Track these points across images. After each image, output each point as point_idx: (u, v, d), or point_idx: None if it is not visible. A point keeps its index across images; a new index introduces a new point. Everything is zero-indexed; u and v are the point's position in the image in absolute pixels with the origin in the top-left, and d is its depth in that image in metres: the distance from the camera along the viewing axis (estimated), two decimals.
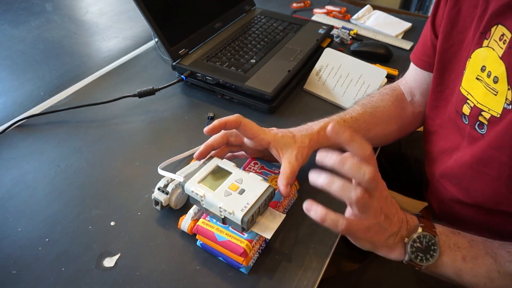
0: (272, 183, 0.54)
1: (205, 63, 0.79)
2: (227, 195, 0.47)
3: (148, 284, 0.47)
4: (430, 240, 0.45)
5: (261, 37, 0.89)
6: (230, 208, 0.45)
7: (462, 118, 0.55)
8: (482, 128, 0.52)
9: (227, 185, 0.49)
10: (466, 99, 0.54)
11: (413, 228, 0.46)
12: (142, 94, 0.74)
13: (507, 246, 0.46)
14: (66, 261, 0.49)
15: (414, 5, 2.12)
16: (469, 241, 0.46)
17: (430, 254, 0.45)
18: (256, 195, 0.47)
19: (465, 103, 0.54)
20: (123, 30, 1.04)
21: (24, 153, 0.64)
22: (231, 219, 0.46)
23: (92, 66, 0.87)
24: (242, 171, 0.51)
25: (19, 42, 0.96)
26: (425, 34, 0.64)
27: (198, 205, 0.49)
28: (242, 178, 0.49)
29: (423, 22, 1.10)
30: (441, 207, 0.65)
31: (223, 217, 0.47)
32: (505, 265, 0.44)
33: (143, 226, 0.53)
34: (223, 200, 0.47)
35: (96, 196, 0.58)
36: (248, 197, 0.47)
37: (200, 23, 0.86)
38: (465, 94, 0.54)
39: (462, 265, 0.45)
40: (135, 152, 0.65)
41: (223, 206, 0.46)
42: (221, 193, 0.48)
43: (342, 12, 1.12)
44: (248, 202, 0.46)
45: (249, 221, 0.45)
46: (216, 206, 0.47)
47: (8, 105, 0.75)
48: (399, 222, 0.45)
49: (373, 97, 0.67)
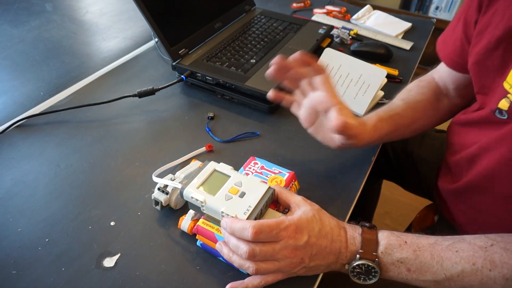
0: (272, 183, 0.54)
1: (205, 63, 0.79)
2: (228, 199, 0.47)
3: (148, 284, 0.47)
4: (368, 266, 0.45)
5: (261, 37, 0.89)
6: (232, 212, 0.45)
7: (496, 113, 0.53)
8: None
9: (227, 188, 0.48)
10: (506, 93, 0.51)
11: (353, 255, 0.46)
12: (142, 94, 0.74)
13: (455, 245, 0.46)
14: (66, 261, 0.49)
15: (414, 5, 2.11)
16: (414, 251, 0.46)
17: (372, 275, 0.46)
18: (257, 197, 0.47)
19: (505, 97, 0.51)
20: (123, 30, 1.04)
21: (24, 153, 0.64)
22: None
23: (92, 66, 0.87)
24: (241, 174, 0.50)
25: (19, 42, 0.96)
26: (456, 36, 0.63)
27: (198, 211, 0.49)
28: (241, 181, 0.49)
29: (423, 22, 1.10)
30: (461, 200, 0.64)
31: None
32: (451, 268, 0.44)
33: (143, 226, 0.53)
34: (225, 205, 0.46)
35: (96, 196, 0.58)
36: (249, 200, 0.47)
37: (200, 23, 0.86)
38: (508, 88, 0.51)
39: (408, 276, 0.46)
40: (135, 152, 0.65)
41: (225, 211, 0.46)
42: (221, 197, 0.47)
43: (342, 12, 1.12)
44: (250, 205, 0.46)
45: None
46: (217, 211, 0.46)
47: (8, 105, 0.75)
48: (333, 254, 0.46)
49: (412, 91, 0.68)
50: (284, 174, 0.55)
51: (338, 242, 0.46)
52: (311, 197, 0.58)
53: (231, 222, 0.44)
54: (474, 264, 0.44)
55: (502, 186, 0.54)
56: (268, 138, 0.69)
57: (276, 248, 0.43)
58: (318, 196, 0.58)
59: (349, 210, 0.57)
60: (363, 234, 0.47)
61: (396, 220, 1.48)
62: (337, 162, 0.64)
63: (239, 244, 0.43)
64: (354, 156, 0.66)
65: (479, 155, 0.57)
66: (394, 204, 1.52)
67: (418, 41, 0.99)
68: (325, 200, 0.57)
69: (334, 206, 0.57)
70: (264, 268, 0.44)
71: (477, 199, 0.60)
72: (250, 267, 0.43)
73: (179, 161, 0.62)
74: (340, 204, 0.58)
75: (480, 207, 0.60)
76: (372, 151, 0.67)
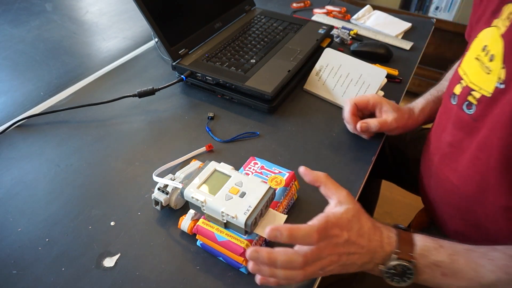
0: (272, 183, 0.54)
1: (205, 63, 0.79)
2: (228, 199, 0.47)
3: (148, 284, 0.47)
4: (404, 267, 0.44)
5: (261, 37, 0.89)
6: (232, 212, 0.45)
7: (451, 99, 0.56)
8: (470, 108, 0.51)
9: (227, 188, 0.48)
10: (460, 79, 0.53)
11: (388, 255, 0.45)
12: (142, 94, 0.74)
13: (488, 254, 0.45)
14: (66, 261, 0.49)
15: (414, 5, 2.11)
16: (450, 255, 0.45)
17: (406, 277, 0.45)
18: (257, 197, 0.47)
19: (459, 83, 0.54)
20: (123, 30, 1.04)
21: (24, 153, 0.64)
22: (234, 223, 0.46)
23: (92, 66, 0.87)
24: (241, 174, 0.50)
25: (19, 42, 0.96)
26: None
27: (199, 210, 0.49)
28: (241, 181, 0.49)
29: (423, 22, 1.10)
30: (438, 195, 0.65)
31: (226, 222, 0.47)
32: (486, 276, 0.43)
33: (143, 226, 0.53)
34: (225, 205, 0.46)
35: (96, 196, 0.58)
36: (249, 199, 0.47)
37: (200, 23, 0.86)
38: (462, 74, 0.53)
39: (443, 280, 0.45)
40: (135, 152, 0.65)
41: (225, 211, 0.46)
42: (222, 197, 0.47)
43: (342, 12, 1.12)
44: (250, 205, 0.46)
45: (253, 224, 0.45)
46: (218, 211, 0.46)
47: (8, 105, 0.75)
48: (369, 253, 0.45)
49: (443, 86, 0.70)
50: (284, 174, 0.55)
51: (374, 242, 0.45)
52: (311, 197, 0.58)
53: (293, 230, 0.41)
54: (509, 274, 0.43)
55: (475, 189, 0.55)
56: (268, 138, 0.69)
57: (321, 247, 0.42)
58: (318, 196, 0.58)
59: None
60: (399, 235, 0.46)
61: (396, 220, 1.48)
62: (337, 161, 0.64)
63: (292, 258, 0.41)
64: (354, 156, 0.66)
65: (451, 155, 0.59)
66: (394, 204, 1.52)
67: (418, 41, 0.99)
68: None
69: None
70: (311, 272, 0.43)
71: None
72: (299, 274, 0.42)
73: (180, 160, 0.62)
74: None
75: (452, 207, 0.61)
76: (372, 151, 0.67)
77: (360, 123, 0.65)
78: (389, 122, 0.64)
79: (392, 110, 0.66)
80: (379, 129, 0.65)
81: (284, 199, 0.54)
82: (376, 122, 0.64)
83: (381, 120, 0.65)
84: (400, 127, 0.66)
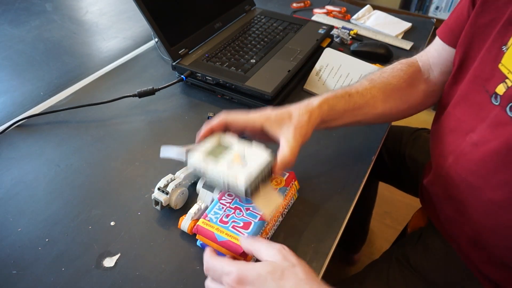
0: (272, 183, 0.54)
1: (205, 63, 0.79)
2: (230, 167, 0.48)
3: (148, 284, 0.47)
4: None
5: (261, 37, 0.89)
6: (233, 177, 0.47)
7: (492, 99, 0.50)
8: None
9: (230, 157, 0.50)
10: (505, 78, 0.48)
11: None
12: (142, 94, 0.74)
13: None
14: (66, 261, 0.49)
15: (414, 5, 2.11)
16: None
17: None
18: (259, 164, 0.48)
19: (503, 82, 0.49)
20: (123, 30, 1.04)
21: (24, 153, 0.64)
22: (234, 188, 0.47)
23: (92, 66, 0.87)
24: (245, 143, 0.52)
25: (19, 42, 0.96)
26: (461, 7, 0.59)
27: (202, 178, 0.50)
28: (244, 150, 0.50)
29: (423, 22, 1.10)
30: (446, 196, 0.62)
31: (226, 186, 0.48)
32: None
33: (143, 226, 0.53)
34: (226, 171, 0.48)
35: (96, 196, 0.58)
36: (251, 166, 0.48)
37: (200, 23, 0.86)
38: (505, 72, 0.48)
39: None
40: (135, 152, 0.65)
41: (227, 176, 0.47)
42: (224, 164, 0.49)
43: (342, 12, 1.12)
44: (251, 171, 0.47)
45: (252, 187, 0.47)
46: (219, 176, 0.48)
47: (8, 105, 0.75)
48: None
49: (384, 73, 0.64)
50: (284, 174, 0.55)
51: None
52: (311, 197, 0.58)
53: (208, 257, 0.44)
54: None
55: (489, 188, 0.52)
56: None
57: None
58: (317, 196, 0.58)
59: (348, 210, 0.57)
60: None
61: (396, 220, 1.49)
62: (336, 162, 0.64)
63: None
64: (354, 156, 0.66)
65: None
66: (394, 204, 1.52)
67: (418, 41, 0.99)
68: (325, 200, 0.57)
69: (334, 206, 0.57)
70: None
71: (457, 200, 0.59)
72: None
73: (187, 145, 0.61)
74: (340, 204, 0.57)
75: (466, 208, 0.58)
76: (372, 151, 0.67)
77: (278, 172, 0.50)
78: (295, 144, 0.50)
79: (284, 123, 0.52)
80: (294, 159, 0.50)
81: (284, 199, 0.54)
82: (288, 157, 0.49)
83: (289, 149, 0.49)
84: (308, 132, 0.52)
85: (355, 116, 0.59)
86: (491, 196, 0.52)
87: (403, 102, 0.64)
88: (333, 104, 0.56)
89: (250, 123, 0.52)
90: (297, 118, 0.51)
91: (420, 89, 0.65)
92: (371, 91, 0.60)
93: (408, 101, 0.64)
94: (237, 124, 0.53)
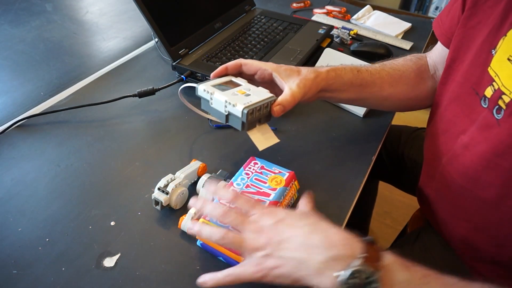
0: (272, 183, 0.54)
1: (205, 63, 0.79)
2: (234, 95, 0.53)
3: (148, 284, 0.47)
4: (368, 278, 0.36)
5: (261, 37, 0.89)
6: (234, 101, 0.51)
7: (481, 101, 0.51)
8: (499, 113, 0.48)
9: (236, 90, 0.55)
10: (492, 81, 0.49)
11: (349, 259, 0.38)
12: (142, 94, 0.74)
13: (465, 285, 0.39)
14: (66, 261, 0.49)
15: (414, 5, 2.12)
16: (422, 277, 0.38)
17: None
18: (261, 97, 0.53)
19: (490, 85, 0.50)
20: (123, 30, 1.04)
21: (24, 153, 0.64)
22: (233, 114, 0.51)
23: (92, 66, 0.87)
24: (252, 85, 0.56)
25: (19, 42, 0.96)
26: (454, 9, 0.60)
27: (207, 105, 0.55)
28: (250, 88, 0.55)
29: (423, 22, 1.10)
30: (440, 196, 0.63)
31: (227, 113, 0.52)
32: None
33: (143, 226, 0.53)
34: (230, 97, 0.52)
35: (96, 196, 0.58)
36: (253, 98, 0.53)
37: (200, 23, 0.86)
38: (493, 75, 0.49)
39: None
40: (135, 152, 0.65)
41: (228, 100, 0.51)
42: (229, 93, 0.53)
43: (342, 12, 1.12)
44: (251, 99, 0.52)
45: (250, 117, 0.50)
46: (222, 103, 0.52)
47: (8, 105, 0.75)
48: (313, 248, 0.38)
49: (396, 61, 0.67)
50: (284, 174, 0.55)
51: (319, 238, 0.39)
52: None
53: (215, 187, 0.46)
54: None
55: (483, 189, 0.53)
56: None
57: (245, 217, 0.43)
58: (317, 196, 0.58)
59: (348, 210, 0.57)
60: (366, 242, 0.40)
61: (396, 220, 1.49)
62: (336, 162, 0.64)
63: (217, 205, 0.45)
64: (354, 156, 0.66)
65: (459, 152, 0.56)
66: (394, 204, 1.52)
67: (418, 41, 0.99)
68: (325, 200, 0.57)
69: (334, 206, 0.57)
70: (231, 236, 0.42)
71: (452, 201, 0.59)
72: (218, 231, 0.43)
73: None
74: (340, 204, 0.58)
75: (458, 209, 0.59)
76: (372, 151, 0.67)
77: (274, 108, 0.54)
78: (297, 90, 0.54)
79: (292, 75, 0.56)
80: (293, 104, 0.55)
81: (284, 199, 0.54)
82: (289, 98, 0.54)
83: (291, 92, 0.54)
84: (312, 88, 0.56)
85: (361, 93, 0.62)
86: (480, 196, 0.53)
87: (410, 90, 0.66)
88: (341, 74, 0.59)
89: (263, 68, 0.58)
90: (305, 74, 0.57)
91: (429, 84, 0.67)
92: (380, 72, 0.63)
93: (415, 91, 0.66)
94: (251, 67, 0.59)
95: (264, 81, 0.59)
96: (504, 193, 0.50)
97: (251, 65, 0.59)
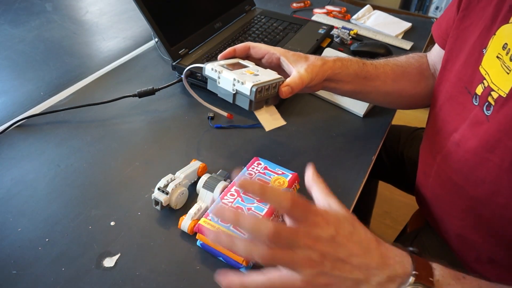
0: (275, 184, 0.54)
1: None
2: (243, 74, 0.53)
3: (148, 284, 0.47)
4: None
5: (261, 37, 0.89)
6: (242, 79, 0.51)
7: (473, 99, 0.52)
8: (489, 109, 0.49)
9: (244, 70, 0.55)
10: (483, 79, 0.50)
11: (401, 277, 0.37)
12: (142, 94, 0.74)
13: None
14: (66, 261, 0.49)
15: (414, 5, 2.12)
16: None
17: None
18: (269, 77, 0.53)
19: (481, 83, 0.50)
20: (123, 30, 1.03)
21: (24, 153, 0.64)
22: (241, 92, 0.51)
23: (92, 66, 0.87)
24: (259, 67, 0.57)
25: (19, 42, 0.96)
26: (450, 12, 0.61)
27: (214, 85, 0.55)
28: (258, 69, 0.56)
29: (423, 22, 1.10)
30: (435, 195, 0.63)
31: (235, 92, 0.52)
32: None
33: (143, 226, 0.53)
34: (238, 75, 0.52)
35: (96, 196, 0.58)
36: (261, 78, 0.53)
37: (200, 23, 0.86)
38: (484, 73, 0.50)
39: None
40: (135, 152, 0.65)
41: (237, 77, 0.51)
42: (237, 72, 0.53)
43: (342, 12, 1.12)
44: (260, 79, 0.52)
45: (257, 96, 0.51)
46: (230, 81, 0.52)
47: (8, 105, 0.75)
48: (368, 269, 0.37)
49: (399, 58, 0.69)
50: (287, 175, 0.55)
51: (376, 256, 0.37)
52: (311, 197, 0.58)
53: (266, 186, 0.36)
54: None
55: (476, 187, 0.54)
56: (268, 138, 0.69)
57: (299, 230, 0.36)
58: None
59: (349, 210, 0.57)
60: (412, 256, 0.39)
61: (396, 220, 1.49)
62: (337, 161, 0.64)
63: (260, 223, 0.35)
64: (354, 155, 0.66)
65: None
66: (394, 204, 1.52)
67: (418, 41, 0.99)
68: None
69: None
70: (279, 257, 0.35)
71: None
72: (261, 250, 0.35)
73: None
74: None
75: (453, 207, 0.59)
76: (372, 151, 0.67)
77: (283, 88, 0.55)
78: (305, 74, 0.55)
79: (300, 60, 0.57)
80: (301, 86, 0.55)
81: None
82: (297, 81, 0.54)
83: (299, 75, 0.55)
84: (319, 75, 0.57)
85: (364, 86, 0.63)
86: (472, 193, 0.54)
87: (412, 87, 0.67)
88: (346, 65, 0.60)
89: (271, 51, 0.59)
90: (312, 60, 0.57)
91: (430, 82, 0.68)
92: (384, 67, 0.64)
93: (417, 88, 0.67)
94: (259, 50, 0.59)
95: (272, 65, 0.60)
96: (495, 190, 0.51)
97: (259, 49, 0.59)
